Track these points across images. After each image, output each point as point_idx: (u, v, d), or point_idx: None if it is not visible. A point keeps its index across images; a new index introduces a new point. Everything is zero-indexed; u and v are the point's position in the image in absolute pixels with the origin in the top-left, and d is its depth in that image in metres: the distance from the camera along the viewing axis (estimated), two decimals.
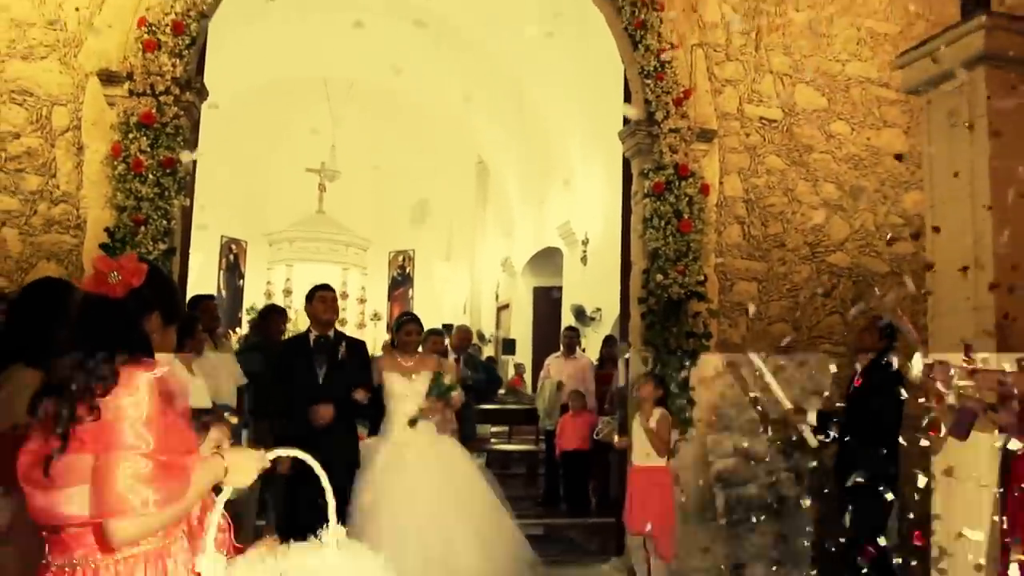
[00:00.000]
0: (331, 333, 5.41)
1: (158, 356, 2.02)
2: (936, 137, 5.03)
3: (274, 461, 2.17)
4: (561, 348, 9.03)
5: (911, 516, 4.82)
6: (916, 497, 4.57)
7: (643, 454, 5.45)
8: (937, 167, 5.12)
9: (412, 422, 5.25)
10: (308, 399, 5.06)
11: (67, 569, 1.86)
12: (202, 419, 2.63)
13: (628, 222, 6.44)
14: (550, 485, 8.81)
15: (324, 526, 2.10)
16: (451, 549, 4.73)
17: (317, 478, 2.15)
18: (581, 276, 11.87)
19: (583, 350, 9.80)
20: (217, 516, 1.98)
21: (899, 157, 6.72)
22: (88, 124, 5.37)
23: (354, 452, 5.17)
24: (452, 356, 7.91)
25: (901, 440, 4.74)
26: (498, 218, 15.43)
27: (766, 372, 5.58)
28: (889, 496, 4.63)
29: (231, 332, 13.67)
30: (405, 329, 5.57)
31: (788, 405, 5.48)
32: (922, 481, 4.30)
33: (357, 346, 5.50)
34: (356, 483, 4.98)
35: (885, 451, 4.78)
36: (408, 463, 5.08)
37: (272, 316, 7.22)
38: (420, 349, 5.70)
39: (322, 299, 5.38)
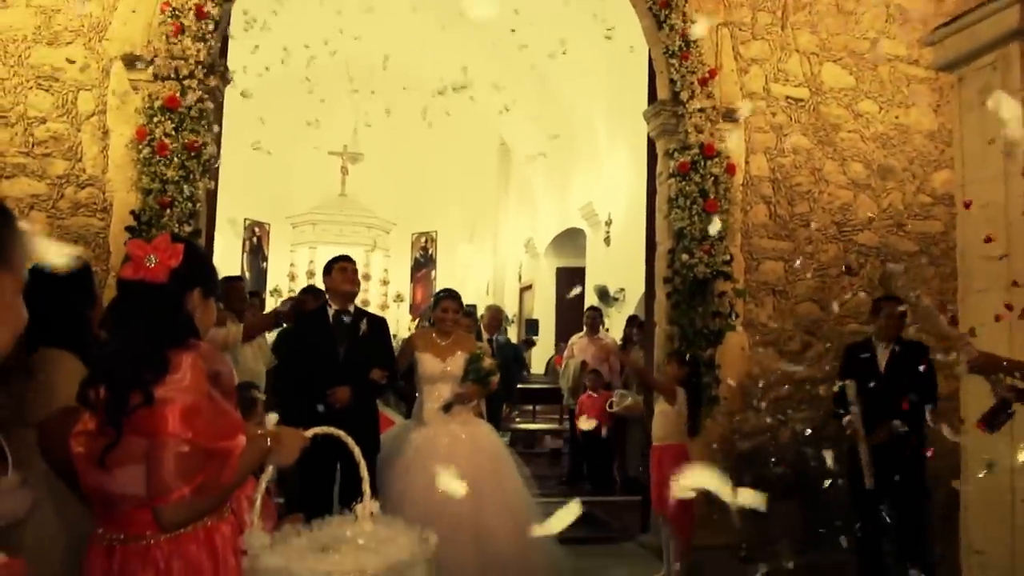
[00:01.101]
0: (351, 308, 5.00)
1: (209, 334, 2.05)
2: (968, 114, 4.96)
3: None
4: (584, 328, 9.00)
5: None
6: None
7: (663, 434, 5.42)
8: (968, 144, 5.05)
9: (446, 407, 4.84)
10: (327, 379, 4.68)
11: (117, 544, 1.89)
12: (249, 394, 2.65)
13: (653, 202, 6.40)
14: (574, 464, 8.81)
15: (358, 500, 2.11)
16: (486, 542, 4.44)
17: (327, 460, 2.17)
18: (604, 257, 11.83)
19: (607, 330, 9.77)
20: (260, 494, 2.02)
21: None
22: (113, 108, 5.40)
23: (374, 437, 4.79)
24: (485, 338, 7.79)
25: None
26: (521, 199, 15.40)
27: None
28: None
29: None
30: (442, 305, 5.08)
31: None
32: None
33: (378, 323, 5.12)
34: (383, 472, 4.66)
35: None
36: (440, 452, 4.66)
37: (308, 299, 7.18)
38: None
39: (342, 270, 4.96)
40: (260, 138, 13.88)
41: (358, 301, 5.24)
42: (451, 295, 5.16)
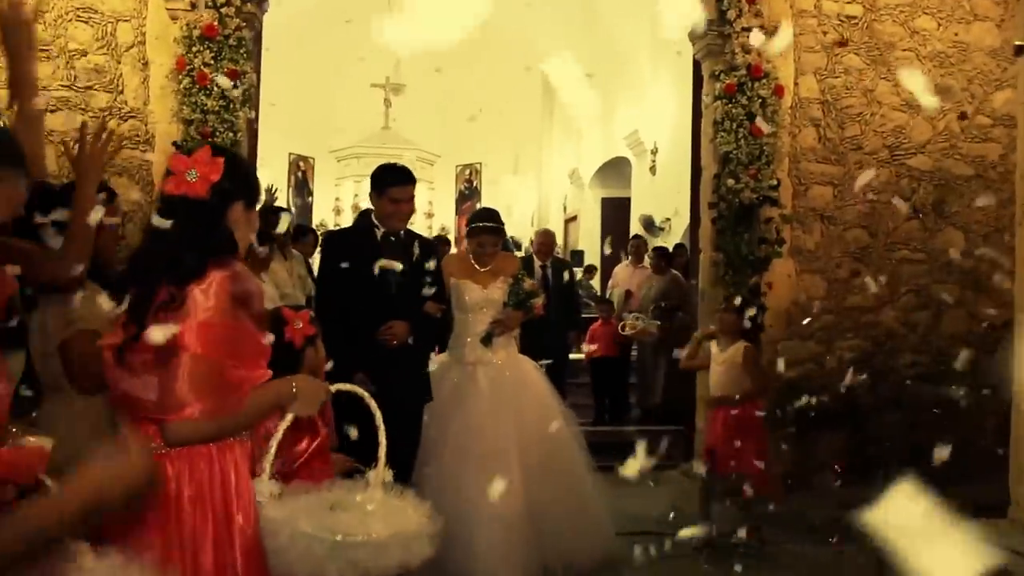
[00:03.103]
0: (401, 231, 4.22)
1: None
2: None
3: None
4: (629, 257, 8.94)
5: None
6: None
7: (719, 388, 5.05)
8: None
9: (487, 338, 4.37)
10: (378, 312, 3.98)
11: None
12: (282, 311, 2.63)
13: (699, 126, 6.26)
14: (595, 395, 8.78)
15: (373, 465, 2.05)
16: (533, 486, 4.06)
17: (366, 413, 2.08)
18: (650, 186, 11.67)
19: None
20: (276, 441, 1.95)
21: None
22: (152, 39, 5.39)
23: (427, 383, 4.16)
24: (537, 264, 7.59)
25: None
26: (565, 130, 15.20)
27: None
28: None
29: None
30: (478, 240, 4.51)
31: None
32: None
33: (430, 247, 4.31)
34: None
35: None
36: (481, 387, 4.28)
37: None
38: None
39: (395, 201, 4.06)
40: (303, 72, 13.87)
41: None
42: (489, 228, 4.50)
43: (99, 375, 2.20)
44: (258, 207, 2.14)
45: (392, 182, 4.06)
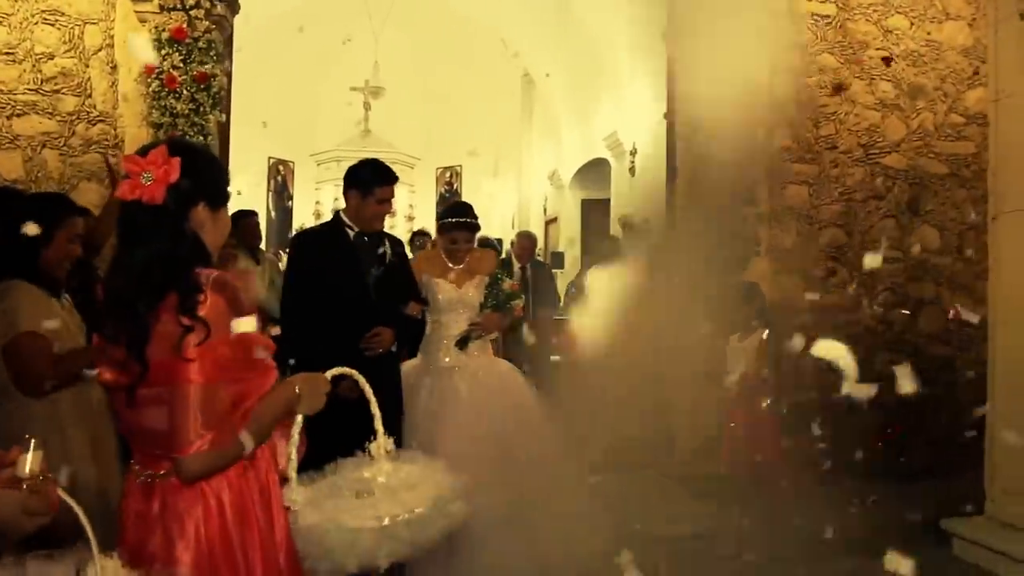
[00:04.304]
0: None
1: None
2: (1004, 27, 4.75)
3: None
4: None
5: None
6: None
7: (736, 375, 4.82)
8: (1003, 58, 4.84)
9: (462, 342, 4.13)
10: (358, 319, 3.71)
11: (157, 480, 1.79)
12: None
13: (673, 126, 6.24)
14: None
15: (371, 439, 2.04)
16: (517, 495, 3.87)
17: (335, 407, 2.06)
18: (629, 187, 11.65)
19: None
20: (295, 445, 1.90)
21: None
22: (120, 42, 5.33)
23: (400, 387, 3.97)
24: (517, 267, 7.54)
25: None
26: (545, 131, 15.18)
27: None
28: None
29: (281, 252, 13.80)
30: (451, 236, 4.23)
31: None
32: None
33: (398, 245, 4.10)
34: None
35: None
36: (459, 394, 4.06)
37: None
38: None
39: (381, 202, 3.84)
40: (280, 76, 13.81)
41: None
42: (463, 224, 4.24)
43: (44, 376, 2.14)
44: (225, 205, 2.01)
45: (380, 181, 3.83)
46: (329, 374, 2.03)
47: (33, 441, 1.46)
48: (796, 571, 4.19)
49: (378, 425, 2.06)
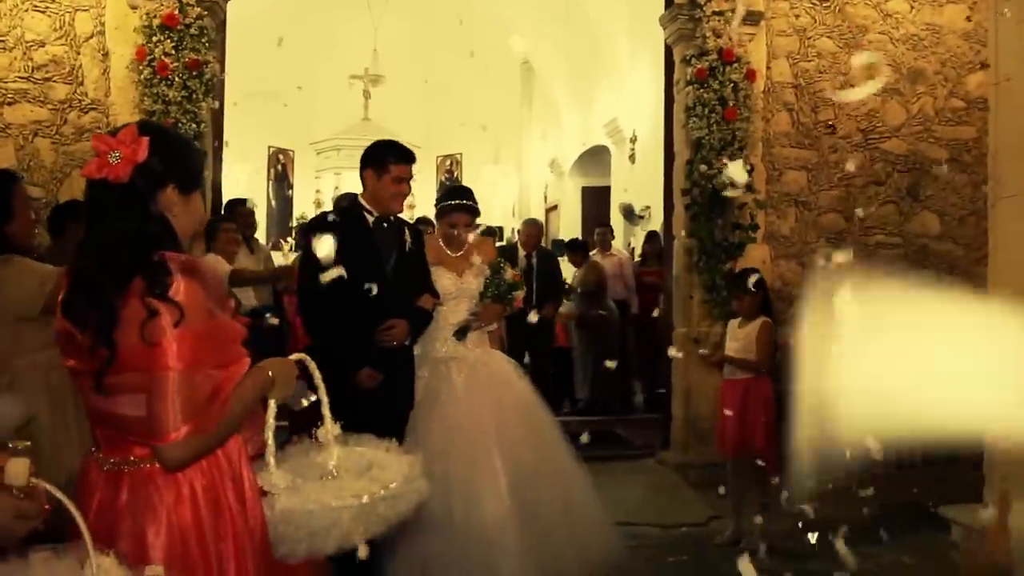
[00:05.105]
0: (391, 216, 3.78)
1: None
2: (1005, 4, 4.68)
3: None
4: (596, 246, 8.94)
5: None
6: None
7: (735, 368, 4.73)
8: (1004, 40, 4.78)
9: (461, 332, 3.97)
10: (375, 308, 3.52)
11: (125, 468, 1.74)
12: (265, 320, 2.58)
13: (671, 112, 6.19)
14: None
15: (318, 425, 2.01)
16: (519, 491, 3.70)
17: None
18: (630, 175, 11.61)
19: (633, 248, 9.70)
20: (271, 430, 1.88)
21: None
22: (111, 28, 5.29)
23: (413, 379, 3.82)
24: (522, 255, 7.43)
25: None
26: (545, 119, 15.12)
27: None
28: None
29: (283, 241, 13.80)
30: (450, 219, 4.02)
31: None
32: None
33: (417, 234, 3.91)
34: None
35: None
36: (457, 388, 3.90)
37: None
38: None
39: (399, 180, 3.65)
40: (278, 64, 13.77)
41: None
42: (463, 206, 4.02)
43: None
44: (198, 190, 1.95)
45: (396, 159, 3.63)
46: (293, 358, 2.00)
47: (21, 447, 1.44)
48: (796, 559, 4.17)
49: (325, 411, 2.04)
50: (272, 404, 1.90)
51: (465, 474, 3.64)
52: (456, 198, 4.08)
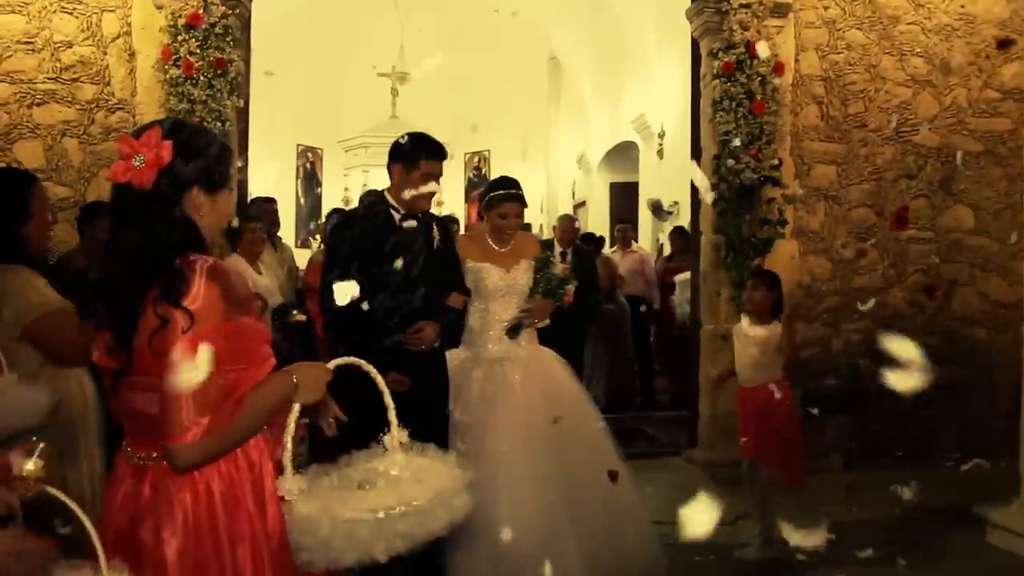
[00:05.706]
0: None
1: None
2: None
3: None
4: (617, 243, 8.91)
5: None
6: None
7: (752, 372, 4.47)
8: None
9: (513, 330, 3.84)
10: (407, 309, 3.45)
11: (150, 463, 1.76)
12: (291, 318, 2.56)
13: (698, 106, 6.12)
14: None
15: (385, 431, 1.98)
16: (572, 490, 3.63)
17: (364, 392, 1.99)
18: (658, 170, 11.52)
19: (661, 244, 9.65)
20: (290, 434, 1.85)
21: (1004, 44, 6.08)
22: (138, 29, 5.32)
23: (446, 384, 3.72)
24: (558, 251, 7.35)
25: None
26: (572, 115, 15.06)
27: None
28: None
29: (312, 239, 13.88)
30: (500, 209, 3.88)
31: None
32: None
33: (448, 229, 3.87)
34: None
35: None
36: (512, 387, 3.76)
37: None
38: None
39: (427, 177, 3.54)
40: (307, 62, 13.83)
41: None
42: (513, 196, 3.89)
43: (79, 345, 2.12)
44: (227, 189, 1.93)
45: (428, 154, 3.52)
46: (332, 364, 1.96)
47: (40, 447, 1.44)
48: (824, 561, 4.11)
49: (391, 416, 2.00)
50: (296, 408, 1.86)
51: (530, 473, 3.56)
52: (506, 187, 3.95)
